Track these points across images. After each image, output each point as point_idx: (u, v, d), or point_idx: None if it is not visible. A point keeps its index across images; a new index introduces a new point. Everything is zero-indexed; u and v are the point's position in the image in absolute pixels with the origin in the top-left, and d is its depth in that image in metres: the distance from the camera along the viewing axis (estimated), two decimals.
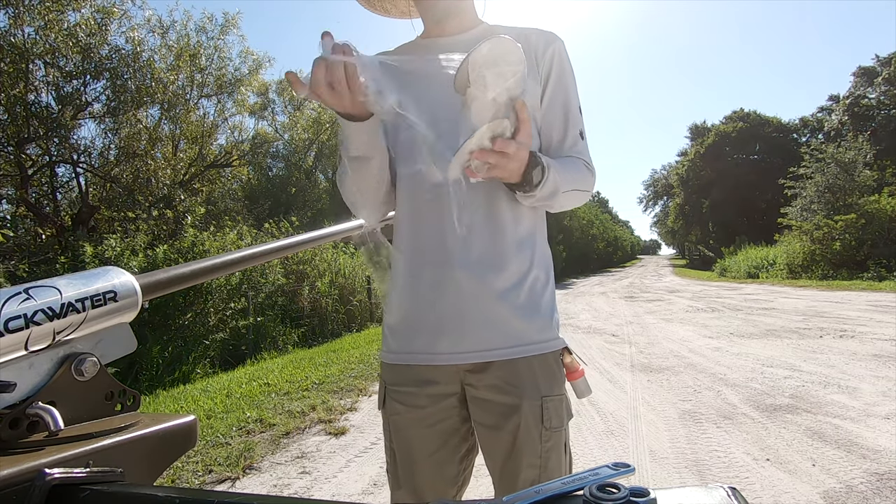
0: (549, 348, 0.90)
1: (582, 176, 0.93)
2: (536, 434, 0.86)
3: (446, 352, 0.89)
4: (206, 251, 6.36)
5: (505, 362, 0.87)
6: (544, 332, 0.90)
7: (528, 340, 0.88)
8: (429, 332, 0.90)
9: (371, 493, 2.37)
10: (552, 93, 0.95)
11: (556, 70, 0.94)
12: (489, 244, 0.89)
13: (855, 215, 14.50)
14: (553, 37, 0.95)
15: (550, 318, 0.92)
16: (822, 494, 2.13)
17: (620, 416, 3.26)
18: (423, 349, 0.90)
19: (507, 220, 0.90)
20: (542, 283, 0.93)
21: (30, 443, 0.47)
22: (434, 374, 0.90)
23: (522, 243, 0.91)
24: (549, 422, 0.87)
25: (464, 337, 0.88)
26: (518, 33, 0.95)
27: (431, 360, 0.90)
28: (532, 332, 0.89)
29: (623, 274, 27.74)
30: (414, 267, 0.91)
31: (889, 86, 24.02)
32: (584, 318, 8.33)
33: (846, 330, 5.88)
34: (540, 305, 0.91)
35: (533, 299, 0.90)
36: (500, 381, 0.87)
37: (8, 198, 8.56)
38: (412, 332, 0.91)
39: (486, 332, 0.87)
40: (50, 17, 7.66)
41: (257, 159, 15.63)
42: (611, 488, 0.29)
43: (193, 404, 3.94)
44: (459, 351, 0.88)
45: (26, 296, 0.49)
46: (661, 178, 51.70)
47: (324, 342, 7.40)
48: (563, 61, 0.95)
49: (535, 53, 0.93)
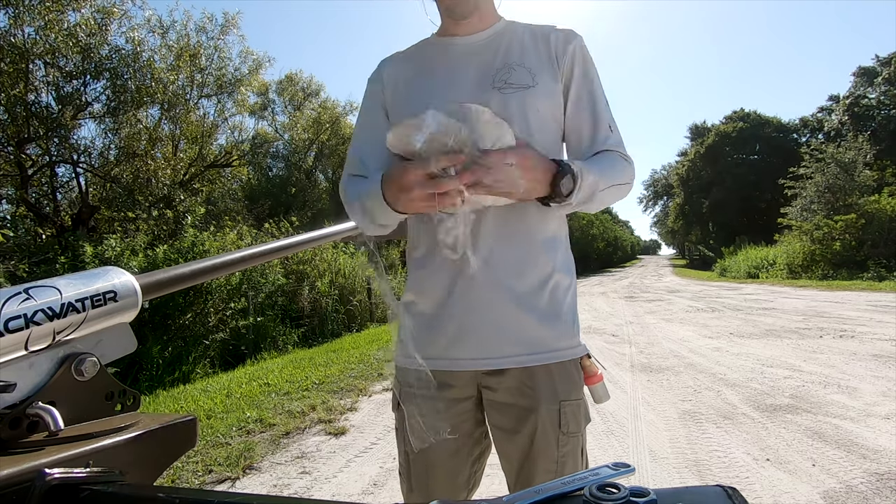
0: (569, 356, 0.88)
1: (620, 169, 0.91)
2: (553, 438, 0.85)
3: (464, 357, 0.87)
4: (206, 251, 6.35)
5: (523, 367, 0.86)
6: (565, 338, 0.88)
7: (548, 348, 0.87)
8: (446, 338, 0.88)
9: (371, 493, 2.37)
10: (577, 90, 0.92)
11: (578, 67, 0.92)
12: (509, 247, 0.87)
13: (855, 215, 14.50)
14: (572, 34, 0.94)
15: (572, 323, 0.90)
16: (822, 494, 2.13)
17: (620, 416, 3.26)
18: (441, 354, 0.89)
19: (529, 224, 0.88)
20: (565, 288, 0.91)
21: (30, 443, 0.47)
22: (451, 378, 0.89)
23: (545, 247, 0.89)
24: (567, 426, 0.86)
25: (482, 343, 0.86)
26: (537, 31, 0.94)
27: (449, 367, 0.88)
28: (552, 339, 0.87)
29: (623, 274, 27.73)
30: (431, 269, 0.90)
31: (889, 86, 24.02)
32: (583, 318, 8.32)
33: (846, 330, 5.88)
34: (561, 311, 0.89)
35: (554, 305, 0.88)
36: (519, 384, 0.86)
37: (8, 198, 8.55)
38: (429, 337, 0.89)
39: (505, 338, 0.86)
40: (50, 17, 7.65)
41: (257, 159, 15.64)
42: (611, 488, 0.29)
43: (193, 404, 3.94)
44: (478, 357, 0.87)
45: (26, 296, 0.49)
46: (661, 179, 51.68)
47: (324, 342, 7.39)
48: (586, 57, 0.94)
49: (555, 52, 0.91)
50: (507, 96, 0.87)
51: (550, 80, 0.90)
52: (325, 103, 17.59)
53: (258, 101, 16.57)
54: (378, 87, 0.98)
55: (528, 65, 0.89)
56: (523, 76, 0.88)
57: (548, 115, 0.90)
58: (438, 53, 0.96)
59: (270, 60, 12.23)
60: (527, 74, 0.88)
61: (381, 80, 0.98)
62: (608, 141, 0.93)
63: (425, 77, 0.94)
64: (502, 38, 0.93)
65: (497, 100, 0.87)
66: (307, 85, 17.47)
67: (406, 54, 1.01)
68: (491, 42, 0.93)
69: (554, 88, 0.90)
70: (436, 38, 0.99)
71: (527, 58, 0.90)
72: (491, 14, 0.96)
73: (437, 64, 0.95)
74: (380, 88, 0.98)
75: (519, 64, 0.89)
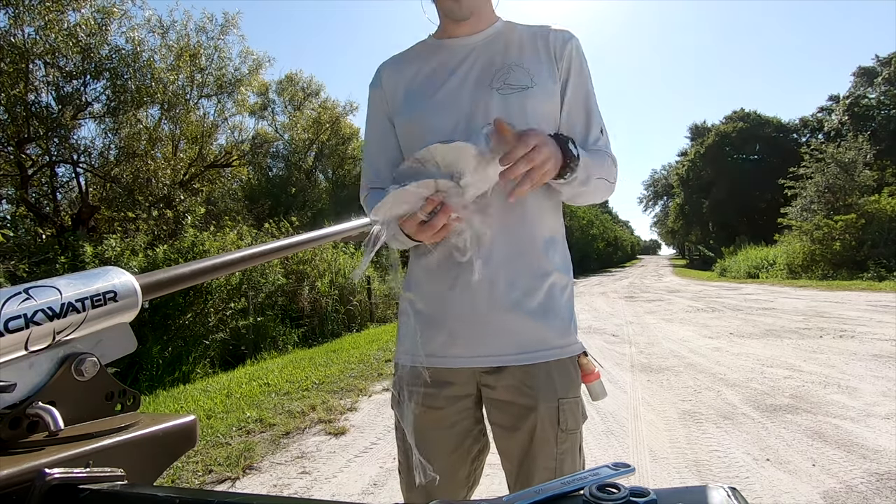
0: (566, 354, 0.89)
1: (608, 166, 0.93)
2: (552, 436, 0.86)
3: (462, 355, 0.88)
4: (206, 251, 6.35)
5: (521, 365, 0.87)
6: (562, 337, 0.89)
7: (545, 346, 0.88)
8: (445, 335, 0.89)
9: (371, 493, 2.37)
10: (573, 91, 0.93)
11: (575, 68, 0.93)
12: (508, 246, 0.88)
13: (855, 215, 14.49)
14: (569, 35, 0.95)
15: (569, 322, 0.91)
16: (822, 494, 2.13)
17: (620, 416, 3.26)
18: (439, 352, 0.90)
19: (527, 223, 0.89)
20: (562, 287, 0.91)
21: (30, 443, 0.47)
22: (450, 375, 0.90)
23: (543, 246, 0.90)
24: (566, 424, 0.86)
25: (480, 341, 0.87)
26: (534, 31, 0.94)
27: (447, 364, 0.89)
28: (550, 337, 0.88)
29: (623, 274, 27.74)
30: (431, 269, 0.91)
31: (889, 86, 24.03)
32: (584, 318, 8.33)
33: (846, 330, 5.88)
34: (559, 309, 0.90)
35: (551, 303, 0.89)
36: (517, 382, 0.87)
37: (8, 198, 8.56)
38: (428, 335, 0.91)
39: (503, 336, 0.87)
40: (50, 17, 7.65)
41: (257, 159, 15.63)
42: (611, 488, 0.29)
43: (193, 404, 3.94)
44: (475, 355, 0.88)
45: (26, 296, 0.49)
46: (661, 178, 51.71)
47: (324, 342, 7.40)
48: (581, 59, 0.95)
49: (553, 52, 0.92)
50: (506, 97, 0.88)
51: (549, 81, 0.90)
52: (325, 103, 17.61)
53: (258, 101, 16.57)
54: (379, 94, 1.00)
55: (527, 65, 0.90)
56: (522, 77, 0.89)
57: (546, 116, 0.91)
58: (437, 55, 0.97)
59: (270, 60, 12.26)
60: (525, 75, 0.89)
61: (380, 85, 0.99)
62: (598, 142, 0.95)
63: (425, 80, 0.95)
64: (501, 38, 0.94)
65: (496, 100, 0.87)
66: (307, 85, 17.48)
67: (404, 56, 1.01)
68: (489, 43, 0.94)
69: (552, 89, 0.91)
70: (434, 39, 1.00)
71: (525, 58, 0.91)
72: (489, 14, 0.96)
73: (436, 66, 0.95)
74: (380, 95, 0.99)
75: (518, 64, 0.90)
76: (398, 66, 0.99)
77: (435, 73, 0.95)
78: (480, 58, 0.93)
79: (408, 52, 1.01)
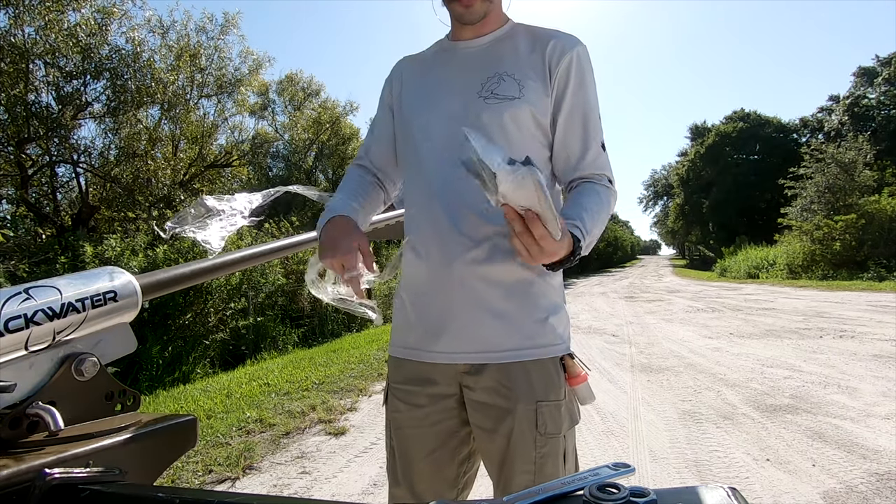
0: (548, 353, 0.88)
1: (607, 207, 0.90)
2: (530, 439, 0.84)
3: (442, 350, 0.88)
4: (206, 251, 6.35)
5: (501, 365, 0.86)
6: (544, 336, 0.88)
7: (525, 345, 0.87)
8: (427, 329, 0.90)
9: (371, 493, 2.37)
10: (570, 106, 0.91)
11: (574, 80, 0.90)
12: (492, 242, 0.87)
13: (855, 215, 14.48)
14: (572, 43, 0.91)
15: (554, 321, 0.90)
16: (823, 495, 2.13)
17: (620, 417, 3.26)
18: (421, 345, 0.91)
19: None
20: (546, 286, 0.90)
21: (30, 443, 0.47)
22: (432, 372, 0.90)
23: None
24: (545, 427, 0.85)
25: (461, 336, 0.87)
26: (536, 39, 0.93)
27: (427, 358, 0.90)
28: (532, 335, 0.87)
29: (623, 274, 27.72)
30: (417, 264, 0.92)
31: (889, 86, 24.03)
32: (584, 319, 8.33)
33: (846, 330, 5.88)
34: (543, 308, 0.89)
35: (535, 301, 0.88)
36: (496, 383, 0.86)
37: (8, 198, 8.56)
38: (411, 328, 0.93)
39: (484, 333, 0.86)
40: (50, 17, 7.65)
41: (257, 159, 15.63)
42: (611, 488, 0.29)
43: (193, 404, 3.94)
44: (455, 351, 0.87)
45: (26, 296, 0.49)
46: (661, 179, 51.68)
47: (324, 342, 7.39)
48: (583, 69, 0.91)
49: (548, 63, 0.90)
50: (491, 107, 0.88)
51: (538, 93, 0.89)
52: (325, 103, 17.61)
53: (258, 101, 16.57)
54: (388, 87, 1.05)
55: (519, 76, 0.89)
56: (510, 87, 0.88)
57: (532, 129, 0.90)
58: (441, 59, 0.99)
59: (270, 60, 12.24)
60: (514, 86, 0.88)
61: (391, 80, 1.05)
62: (597, 161, 0.92)
63: (424, 82, 0.98)
64: (500, 44, 0.94)
65: (482, 109, 0.88)
66: (307, 85, 17.49)
67: (420, 56, 1.05)
68: (488, 49, 0.94)
69: (541, 102, 0.89)
70: (446, 41, 1.02)
71: (518, 68, 0.90)
72: (496, 18, 0.95)
73: (437, 70, 0.98)
74: (389, 89, 1.04)
75: (509, 74, 0.89)
76: (412, 64, 1.04)
77: (435, 76, 0.97)
78: (476, 64, 0.92)
79: (424, 52, 1.05)
